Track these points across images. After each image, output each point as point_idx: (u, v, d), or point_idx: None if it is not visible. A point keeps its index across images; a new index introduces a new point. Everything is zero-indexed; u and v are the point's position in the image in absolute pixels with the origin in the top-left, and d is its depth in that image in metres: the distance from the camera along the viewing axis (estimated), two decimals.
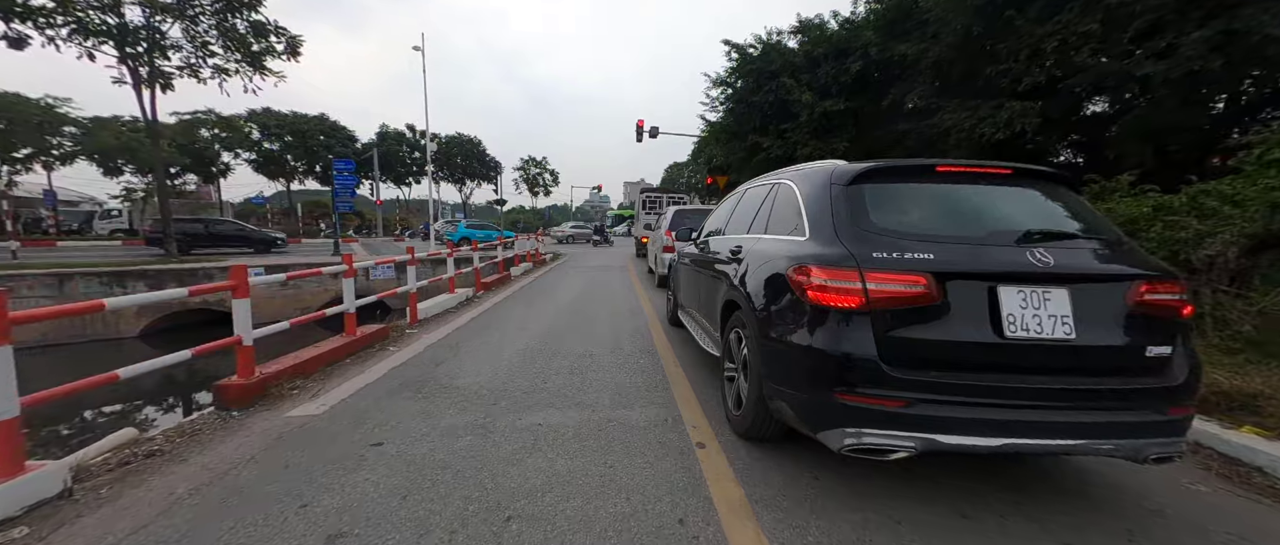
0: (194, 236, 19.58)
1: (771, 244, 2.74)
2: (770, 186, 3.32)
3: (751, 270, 2.77)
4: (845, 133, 10.68)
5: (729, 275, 3.18)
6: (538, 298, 8.40)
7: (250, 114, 39.88)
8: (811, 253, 2.23)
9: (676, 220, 9.25)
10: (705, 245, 4.36)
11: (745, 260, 2.94)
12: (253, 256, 18.45)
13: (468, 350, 4.80)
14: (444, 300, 7.13)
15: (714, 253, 3.82)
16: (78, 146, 28.67)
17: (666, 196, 18.12)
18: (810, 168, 2.93)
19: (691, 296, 4.67)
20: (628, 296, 8.60)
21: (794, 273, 2.22)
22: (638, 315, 6.75)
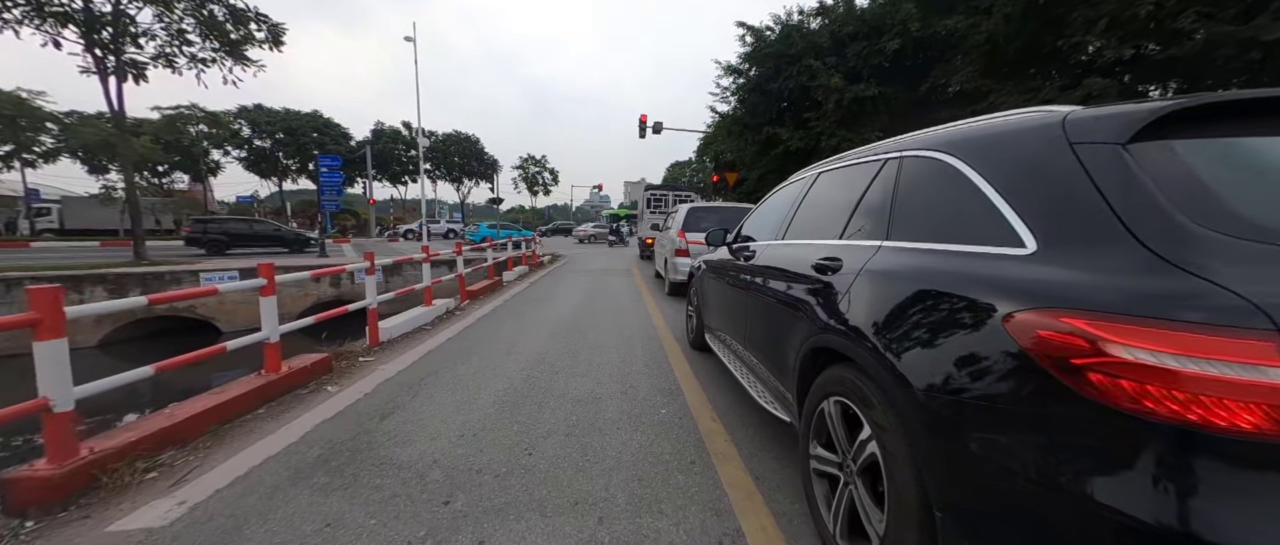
0: (234, 236, 19.76)
1: (938, 258, 1.52)
2: (872, 163, 2.15)
3: (885, 302, 1.59)
4: (876, 121, 9.54)
5: (813, 305, 2.01)
6: (531, 310, 7.22)
7: (240, 110, 38.74)
8: (1095, 285, 1.03)
9: (691, 219, 8.07)
10: (749, 253, 3.19)
11: (857, 284, 1.77)
12: (286, 256, 18.36)
13: (432, 391, 3.63)
14: (417, 315, 5.95)
15: (771, 266, 2.65)
16: (60, 143, 27.51)
17: (673, 194, 16.95)
18: (989, 125, 1.67)
19: (728, 320, 3.50)
20: (635, 308, 7.43)
21: (1044, 330, 1.03)
22: (650, 335, 5.57)
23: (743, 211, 8.49)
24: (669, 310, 7.17)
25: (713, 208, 8.12)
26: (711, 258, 4.24)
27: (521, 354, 4.63)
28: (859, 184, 2.18)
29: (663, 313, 6.96)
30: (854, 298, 1.75)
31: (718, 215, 8.10)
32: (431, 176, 53.67)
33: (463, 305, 7.56)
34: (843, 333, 1.74)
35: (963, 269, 1.35)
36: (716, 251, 4.21)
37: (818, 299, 1.99)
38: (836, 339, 1.79)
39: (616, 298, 8.41)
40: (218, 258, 17.70)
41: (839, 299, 1.82)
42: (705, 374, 4.04)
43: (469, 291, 8.09)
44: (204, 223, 20.21)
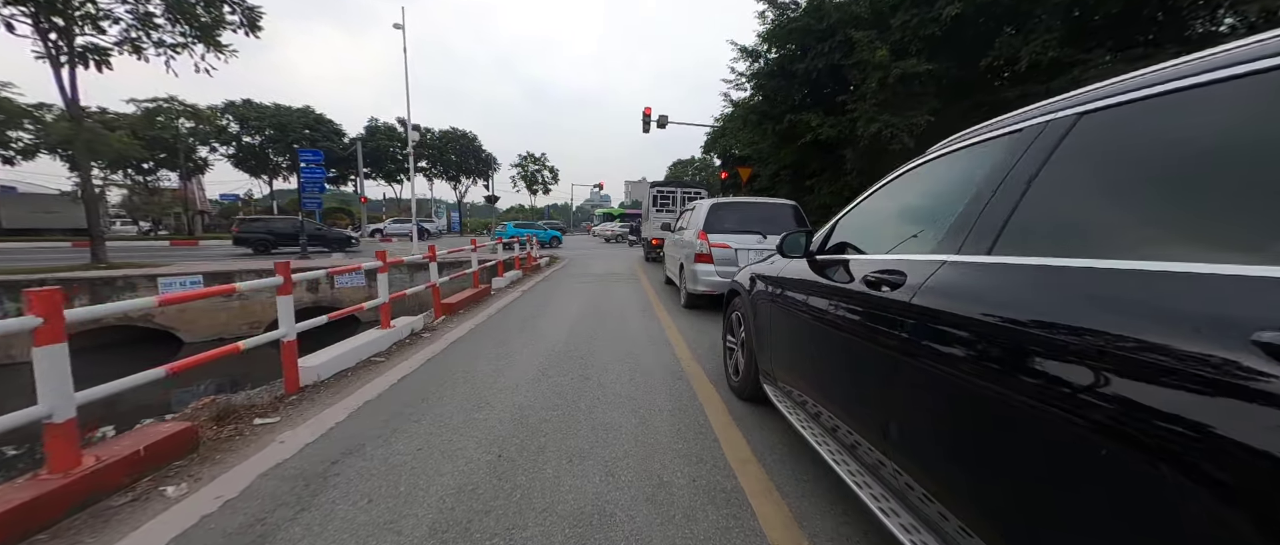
0: (279, 235, 20.06)
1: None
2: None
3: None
4: (926, 102, 8.18)
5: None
6: (520, 331, 5.82)
7: (228, 105, 37.38)
8: None
9: (714, 218, 6.66)
10: (871, 277, 1.79)
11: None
12: (325, 255, 18.79)
13: (345, 487, 2.23)
14: (367, 343, 4.55)
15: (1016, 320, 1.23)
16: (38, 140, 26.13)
17: (681, 191, 15.54)
18: None
19: (824, 381, 2.12)
20: (648, 327, 6.03)
21: None
22: (673, 373, 4.17)
23: (777, 208, 7.09)
24: (691, 331, 5.77)
25: (739, 203, 6.75)
26: (774, 273, 2.85)
27: (495, 410, 3.23)
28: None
29: (684, 335, 5.56)
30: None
31: (747, 213, 6.70)
32: (428, 175, 52.30)
33: (436, 323, 6.16)
34: None
35: None
36: (781, 263, 2.82)
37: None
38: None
39: (624, 312, 7.00)
40: (262, 257, 18.14)
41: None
42: (775, 453, 2.63)
43: (446, 305, 6.69)
44: (251, 223, 20.77)
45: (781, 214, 6.72)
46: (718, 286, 6.44)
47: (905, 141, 8.33)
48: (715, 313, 6.80)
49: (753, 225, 6.54)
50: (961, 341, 1.25)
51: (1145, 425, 0.79)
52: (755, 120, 12.61)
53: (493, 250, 11.71)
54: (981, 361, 1.17)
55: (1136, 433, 0.80)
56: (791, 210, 6.74)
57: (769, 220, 6.62)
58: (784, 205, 6.78)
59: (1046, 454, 1.00)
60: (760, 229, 6.49)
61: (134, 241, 26.53)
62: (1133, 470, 0.82)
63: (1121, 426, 0.83)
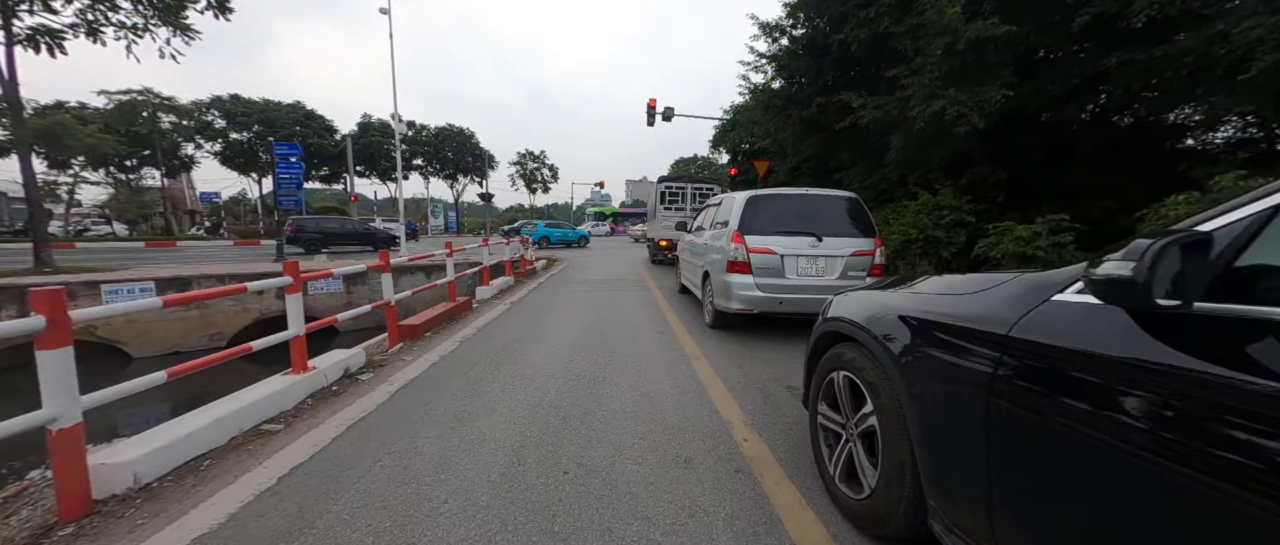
0: (328, 234, 20.33)
1: None
2: None
3: None
4: (1001, 75, 6.70)
5: None
6: (495, 371, 4.33)
7: (214, 100, 35.93)
8: None
9: (753, 215, 5.16)
10: None
11: None
12: (370, 254, 18.55)
13: None
14: (262, 398, 3.05)
15: None
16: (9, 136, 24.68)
17: (692, 187, 14.06)
18: None
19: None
20: (669, 360, 4.53)
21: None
22: (725, 457, 2.68)
23: (833, 203, 5.11)
24: (729, 366, 4.27)
25: (785, 195, 5.24)
26: (982, 318, 1.37)
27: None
28: None
29: (721, 374, 4.06)
30: None
31: (795, 208, 5.21)
32: (424, 174, 50.82)
33: (390, 353, 4.66)
34: None
35: None
36: (998, 300, 1.33)
37: None
38: None
39: (635, 335, 5.50)
40: (313, 256, 18.07)
41: None
42: None
43: (406, 327, 5.20)
44: (301, 222, 21.32)
45: (839, 209, 5.22)
46: (758, 304, 4.95)
47: (974, 123, 6.84)
48: (755, 335, 5.30)
49: (803, 224, 5.05)
50: None
51: None
52: (779, 105, 11.12)
53: (514, 252, 10.17)
54: None
55: None
56: (851, 204, 5.25)
57: (824, 217, 5.13)
58: (841, 198, 5.29)
59: None
60: (813, 229, 5.00)
61: (106, 243, 25.06)
62: None
63: None
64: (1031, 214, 8.71)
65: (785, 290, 4.94)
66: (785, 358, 4.56)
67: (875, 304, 2.04)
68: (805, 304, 4.94)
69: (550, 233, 26.54)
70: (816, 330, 2.43)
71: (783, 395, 3.53)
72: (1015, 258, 5.73)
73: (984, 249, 6.21)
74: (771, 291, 4.94)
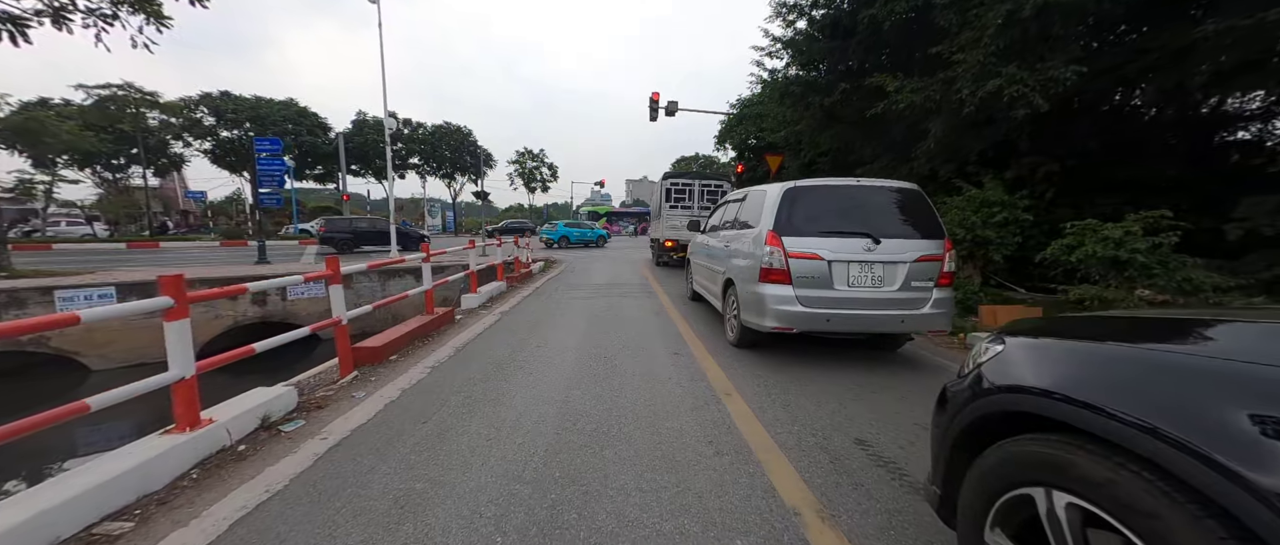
0: (360, 234, 20.63)
1: None
2: None
3: None
4: (1068, 50, 5.72)
5: None
6: (468, 412, 3.37)
7: (203, 97, 34.94)
8: None
9: (793, 211, 4.18)
10: None
11: None
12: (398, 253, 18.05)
13: None
14: (128, 468, 2.08)
15: None
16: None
17: (700, 184, 13.08)
18: None
19: None
20: (687, 387, 3.56)
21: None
22: None
23: (892, 196, 3.94)
24: (772, 409, 3.30)
25: (831, 188, 4.25)
26: None
27: None
28: None
29: (768, 425, 3.09)
30: None
31: (844, 203, 4.24)
32: (421, 173, 49.83)
33: (339, 386, 3.69)
34: None
35: None
36: None
37: None
38: None
39: (648, 362, 4.53)
40: (345, 257, 17.82)
41: None
42: None
43: (367, 350, 4.23)
44: (335, 223, 21.78)
45: (897, 203, 4.26)
46: (800, 322, 3.98)
47: (1035, 105, 5.88)
48: (795, 356, 4.33)
49: (855, 222, 4.09)
50: None
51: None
52: (798, 93, 10.16)
53: (508, 254, 9.15)
54: None
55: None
56: (912, 197, 4.28)
57: (879, 213, 4.17)
58: (900, 190, 4.32)
59: None
60: (867, 228, 4.04)
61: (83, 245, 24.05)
62: None
63: None
64: (1084, 211, 7.79)
65: (834, 304, 3.97)
66: (842, 390, 3.59)
67: (1141, 365, 1.08)
68: (860, 322, 3.98)
69: (569, 232, 26.00)
70: (967, 404, 1.47)
71: (859, 459, 2.56)
72: (1104, 262, 4.76)
73: (1057, 252, 5.25)
74: (816, 306, 3.97)
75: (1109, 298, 4.59)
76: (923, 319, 4.00)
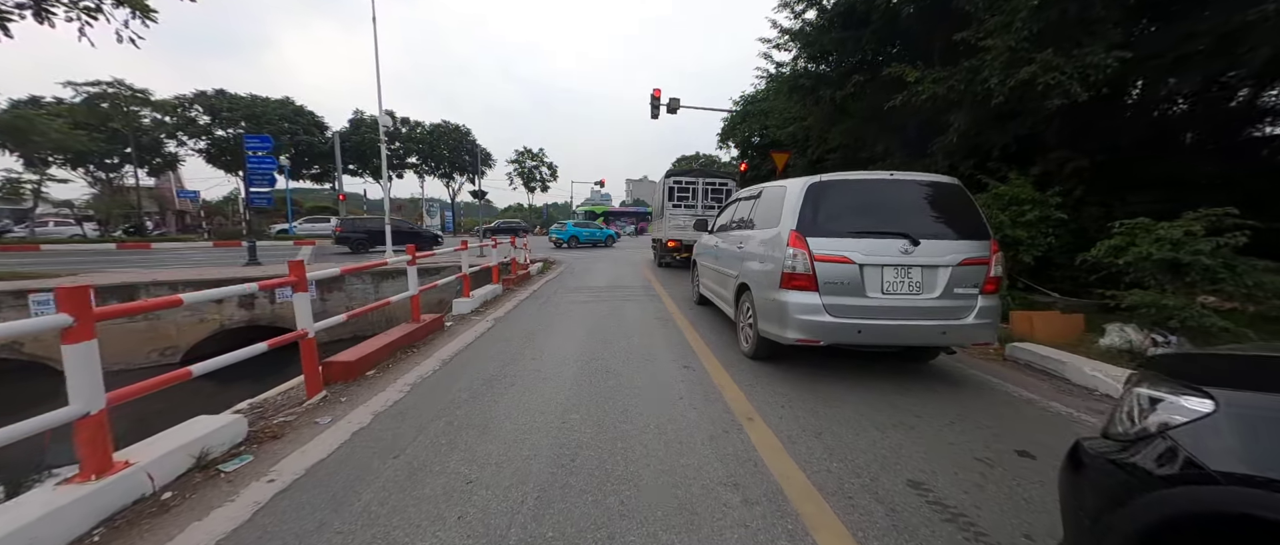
0: (375, 234, 20.57)
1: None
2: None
3: None
4: (1108, 33, 5.26)
5: None
6: (449, 444, 2.91)
7: (197, 95, 34.44)
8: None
9: (818, 208, 3.71)
10: None
11: None
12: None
13: None
14: (12, 530, 1.62)
15: None
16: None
17: (705, 182, 12.63)
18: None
19: None
20: (702, 410, 3.10)
21: None
22: None
23: (929, 191, 3.41)
24: (804, 439, 2.83)
25: (861, 182, 3.77)
26: None
27: None
28: None
29: (801, 462, 2.63)
30: None
31: (876, 199, 3.78)
32: (419, 172, 49.33)
33: (303, 409, 3.22)
34: None
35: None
36: None
37: None
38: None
39: (656, 378, 4.07)
40: (359, 256, 18.61)
41: None
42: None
43: (340, 365, 3.77)
44: (351, 222, 22.04)
45: (935, 200, 3.80)
46: (827, 334, 3.52)
47: (1073, 94, 5.42)
48: (821, 369, 3.86)
49: (889, 221, 3.63)
50: None
51: None
52: (807, 86, 9.69)
53: (504, 255, 8.60)
54: None
55: None
56: (952, 193, 3.82)
57: (916, 211, 3.71)
58: (937, 185, 3.85)
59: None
60: (904, 228, 3.58)
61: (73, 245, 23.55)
62: None
63: None
64: (1114, 209, 7.31)
65: (867, 314, 3.51)
66: (878, 413, 3.12)
67: None
68: (895, 333, 3.51)
69: (579, 232, 25.75)
70: (1144, 490, 1.00)
71: (919, 512, 2.09)
72: (1159, 265, 4.29)
73: (1103, 254, 4.78)
74: (846, 315, 3.50)
75: (1167, 305, 4.13)
76: (966, 330, 3.54)
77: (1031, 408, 3.39)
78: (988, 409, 3.31)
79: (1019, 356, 4.47)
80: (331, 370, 3.70)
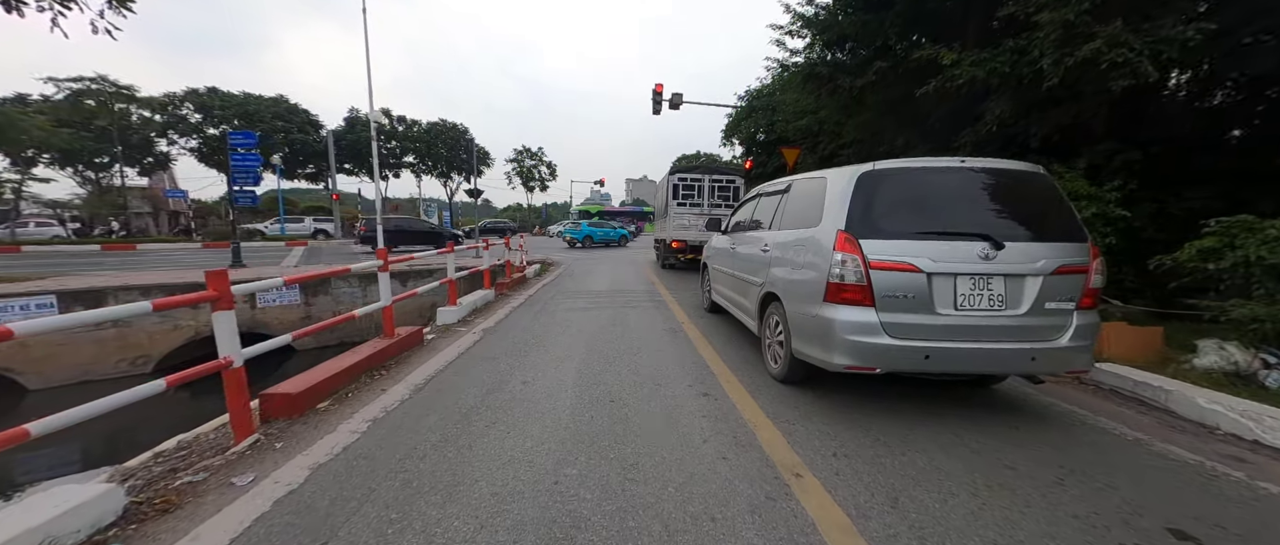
0: (397, 233, 20.56)
1: None
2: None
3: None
4: (1180, 5, 4.58)
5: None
6: (402, 520, 2.20)
7: (189, 93, 33.73)
8: None
9: (873, 202, 3.00)
10: None
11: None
12: (433, 252, 18.81)
13: None
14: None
15: None
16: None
17: (711, 179, 11.92)
18: None
19: None
20: (734, 463, 2.40)
21: None
22: None
23: (1009, 181, 2.58)
24: (880, 512, 2.11)
25: (926, 170, 3.07)
26: None
27: None
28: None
29: (864, 532, 1.90)
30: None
31: (945, 190, 3.07)
32: (416, 171, 48.60)
33: (228, 458, 2.52)
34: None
35: None
36: None
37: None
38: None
39: (671, 413, 3.38)
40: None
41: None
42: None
43: (282, 398, 3.05)
44: (372, 222, 21.95)
45: (1018, 192, 3.10)
46: (886, 359, 2.82)
47: (1144, 73, 4.73)
48: (875, 399, 3.16)
49: (963, 219, 2.93)
50: None
51: None
52: (824, 74, 8.99)
53: (497, 257, 7.80)
54: None
55: None
56: (1038, 183, 3.12)
57: (995, 207, 3.01)
58: (1019, 174, 3.14)
59: None
60: (981, 227, 2.88)
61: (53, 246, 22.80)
62: None
63: None
64: (1167, 205, 6.62)
65: (936, 335, 2.81)
66: (961, 466, 2.41)
67: None
68: (972, 359, 2.82)
69: (593, 232, 25.19)
70: None
71: None
72: (1270, 272, 3.59)
73: (1190, 258, 4.08)
74: (911, 336, 2.80)
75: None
76: (1060, 355, 2.84)
77: (1146, 453, 2.69)
78: (1096, 457, 2.61)
79: (1102, 380, 3.77)
80: (272, 404, 3.00)
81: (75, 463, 6.82)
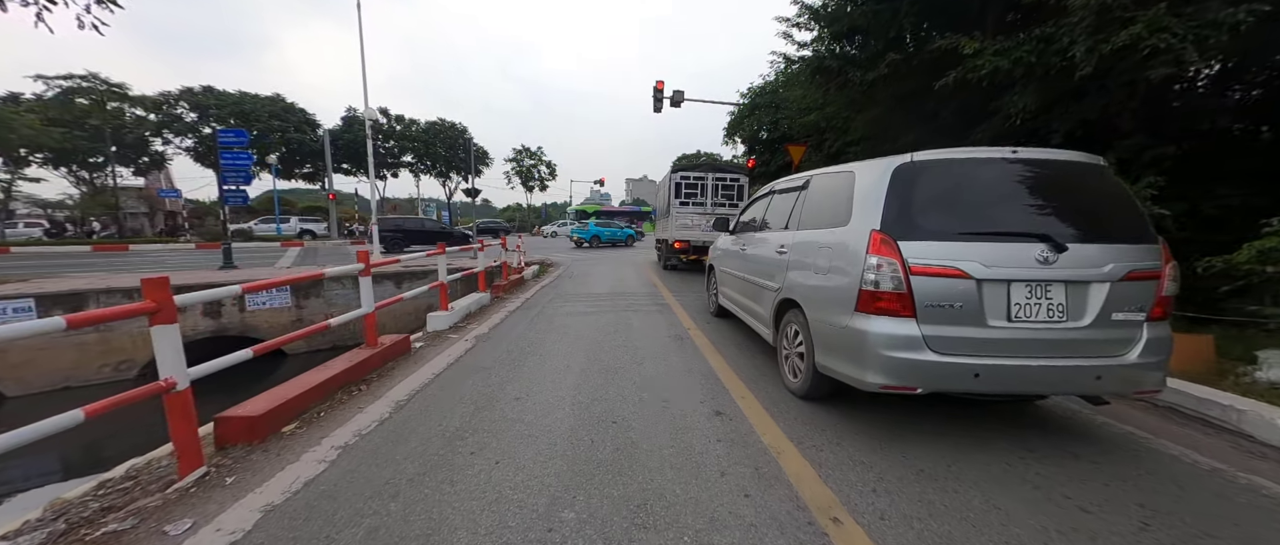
0: (408, 233, 21.12)
1: None
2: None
3: None
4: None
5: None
6: None
7: (184, 92, 33.34)
8: None
9: (912, 199, 2.64)
10: None
11: None
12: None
13: None
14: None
15: None
16: None
17: (714, 177, 11.54)
18: None
19: None
20: (758, 503, 2.03)
21: None
22: None
23: (1058, 170, 1.99)
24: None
25: (975, 161, 2.71)
26: None
27: None
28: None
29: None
30: None
31: (992, 183, 2.70)
32: (414, 170, 48.20)
33: (167, 498, 2.15)
34: None
35: None
36: None
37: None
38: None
39: (682, 437, 3.02)
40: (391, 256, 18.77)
41: None
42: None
43: (240, 421, 2.68)
44: (384, 222, 22.21)
45: (1078, 187, 2.74)
46: (929, 378, 2.47)
47: (1187, 59, 4.38)
48: (918, 420, 2.80)
49: (1017, 218, 2.57)
50: None
51: None
52: (835, 67, 8.63)
53: (493, 259, 7.44)
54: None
55: None
56: (1098, 177, 2.75)
57: (1052, 204, 2.64)
58: (1077, 166, 2.77)
59: None
60: (1038, 226, 2.52)
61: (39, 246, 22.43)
62: None
63: None
64: (1198, 204, 6.26)
65: (989, 350, 2.45)
66: (1027, 510, 2.05)
67: None
68: (1029, 378, 2.46)
69: (601, 232, 25.18)
70: None
71: None
72: None
73: (1248, 259, 3.72)
74: (958, 352, 2.44)
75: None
76: (1129, 374, 2.48)
77: (1231, 487, 2.33)
78: (1176, 492, 2.25)
79: (1164, 396, 3.41)
80: (229, 429, 2.64)
81: (55, 472, 6.46)
